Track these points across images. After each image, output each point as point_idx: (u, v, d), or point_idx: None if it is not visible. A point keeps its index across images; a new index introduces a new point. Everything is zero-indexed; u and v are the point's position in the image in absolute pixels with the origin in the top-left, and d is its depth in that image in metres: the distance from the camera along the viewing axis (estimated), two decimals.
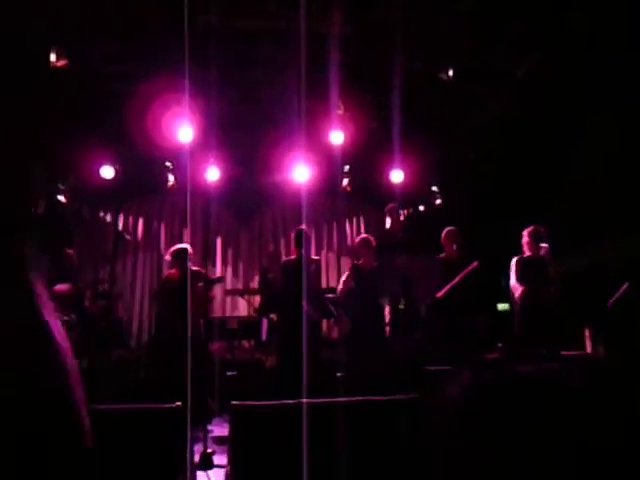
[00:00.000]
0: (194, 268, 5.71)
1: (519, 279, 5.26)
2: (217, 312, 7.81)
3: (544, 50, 5.50)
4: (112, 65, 6.26)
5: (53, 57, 5.68)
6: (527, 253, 5.33)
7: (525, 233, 5.35)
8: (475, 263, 5.42)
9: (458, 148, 7.57)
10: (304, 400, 2.62)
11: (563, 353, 4.11)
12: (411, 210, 8.29)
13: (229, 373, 5.64)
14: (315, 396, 2.91)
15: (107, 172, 7.23)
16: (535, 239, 5.26)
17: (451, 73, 5.76)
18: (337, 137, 6.69)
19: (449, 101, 6.56)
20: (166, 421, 2.46)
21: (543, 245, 5.24)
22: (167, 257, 5.71)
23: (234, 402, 2.46)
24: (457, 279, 5.38)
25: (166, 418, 2.45)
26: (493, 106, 6.70)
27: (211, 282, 6.50)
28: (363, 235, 6.18)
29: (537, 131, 6.38)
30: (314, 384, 4.36)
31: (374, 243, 5.85)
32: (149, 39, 5.62)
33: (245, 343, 7.24)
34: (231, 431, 2.48)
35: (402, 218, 8.23)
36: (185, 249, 5.69)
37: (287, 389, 4.13)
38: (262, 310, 6.76)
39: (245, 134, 7.26)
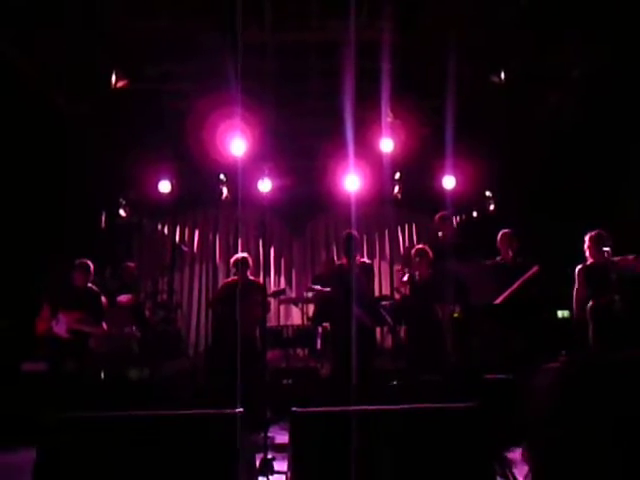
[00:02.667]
0: (252, 278, 5.84)
1: (583, 287, 5.09)
2: (271, 321, 7.84)
3: (600, 49, 5.38)
4: (169, 83, 6.52)
5: (113, 78, 6.01)
6: (589, 259, 5.15)
7: (587, 238, 5.15)
8: (535, 268, 5.24)
9: (511, 152, 7.39)
10: (364, 407, 2.61)
11: None
12: (464, 216, 8.16)
13: (285, 381, 5.70)
14: (369, 404, 2.91)
15: (165, 186, 7.42)
16: (597, 244, 5.04)
17: (503, 76, 5.65)
18: (387, 145, 6.66)
19: (501, 104, 6.48)
20: (227, 426, 2.49)
21: (606, 249, 5.01)
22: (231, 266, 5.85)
23: (295, 408, 2.48)
24: (516, 285, 5.21)
25: (227, 423, 2.49)
26: (547, 108, 6.60)
27: (274, 295, 6.68)
28: (419, 245, 6.16)
29: (593, 132, 6.20)
30: (367, 393, 4.39)
31: (430, 253, 5.83)
32: (203, 56, 5.80)
33: (300, 351, 7.27)
34: (291, 436, 2.51)
35: (455, 225, 8.17)
36: (245, 258, 5.79)
37: (341, 397, 4.20)
38: (316, 319, 6.78)
39: (296, 145, 7.37)
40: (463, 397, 3.17)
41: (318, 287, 6.03)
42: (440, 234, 6.08)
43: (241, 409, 2.52)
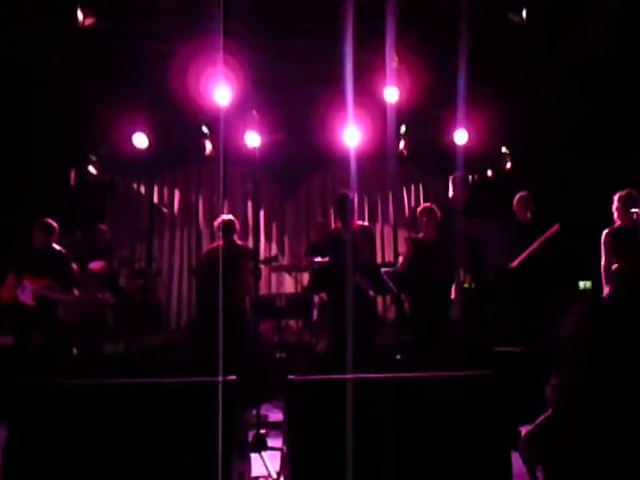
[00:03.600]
0: (239, 243, 5.87)
1: (612, 254, 5.05)
2: (262, 289, 7.62)
3: None
4: (143, 23, 6.36)
5: (80, 15, 5.89)
6: (617, 222, 5.15)
7: (616, 198, 5.16)
8: (555, 226, 5.29)
9: (531, 102, 7.34)
10: (365, 375, 2.67)
11: None
12: (477, 176, 8.17)
13: (277, 355, 5.78)
14: None
15: (140, 140, 7.33)
16: (626, 205, 5.04)
17: (524, 14, 5.57)
18: (392, 93, 6.61)
19: (521, 48, 6.40)
20: (215, 396, 2.51)
21: (635, 210, 4.97)
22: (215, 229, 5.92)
23: (291, 376, 2.53)
24: (534, 246, 5.26)
25: (215, 393, 2.51)
26: (571, 52, 6.55)
27: (265, 262, 6.73)
28: (425, 204, 6.17)
29: (623, 79, 6.17)
30: (368, 367, 4.47)
31: (438, 213, 5.88)
32: None
33: (293, 323, 7.34)
34: (286, 407, 2.57)
35: (468, 186, 8.19)
36: (231, 220, 5.82)
37: (339, 374, 4.23)
38: (311, 289, 6.86)
39: (288, 94, 7.28)
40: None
41: (318, 259, 6.10)
42: (451, 195, 6.13)
43: (233, 377, 2.56)
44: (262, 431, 3.77)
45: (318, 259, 6.08)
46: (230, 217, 5.92)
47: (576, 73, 6.66)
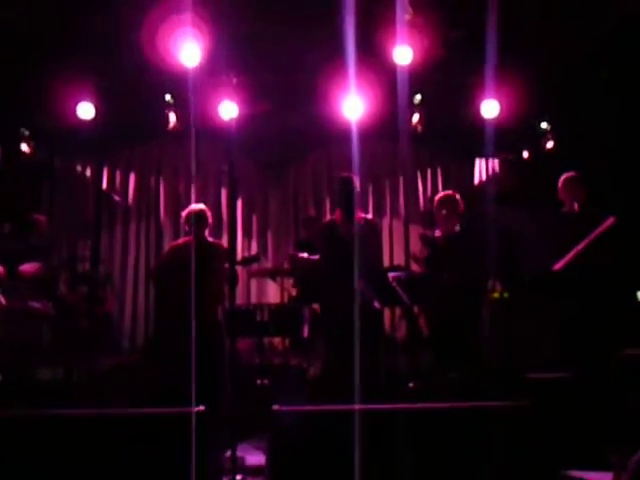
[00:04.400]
0: (211, 239, 5.86)
1: None
2: (240, 298, 7.87)
3: None
4: None
5: None
6: None
7: None
8: (610, 219, 5.29)
9: (579, 66, 7.32)
10: (369, 406, 2.66)
11: None
12: (511, 157, 8.23)
13: (259, 382, 5.80)
14: None
15: (86, 111, 7.32)
16: None
17: None
18: (404, 54, 6.60)
19: None
20: (181, 433, 2.53)
21: None
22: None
23: (276, 407, 2.52)
24: (583, 244, 5.24)
25: (182, 429, 2.53)
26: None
27: (246, 262, 6.75)
28: (445, 192, 6.20)
29: None
30: (373, 397, 4.49)
31: (461, 204, 5.89)
32: None
33: (279, 342, 7.35)
34: (271, 443, 2.55)
35: (498, 169, 8.37)
36: (202, 211, 5.82)
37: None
38: (301, 297, 6.86)
39: (275, 54, 7.22)
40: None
41: (305, 255, 6.08)
42: (477, 181, 6.14)
43: (202, 407, 2.54)
44: (238, 477, 3.74)
45: (304, 255, 6.12)
46: (200, 207, 5.92)
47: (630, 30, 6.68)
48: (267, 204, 9.48)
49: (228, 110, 7.13)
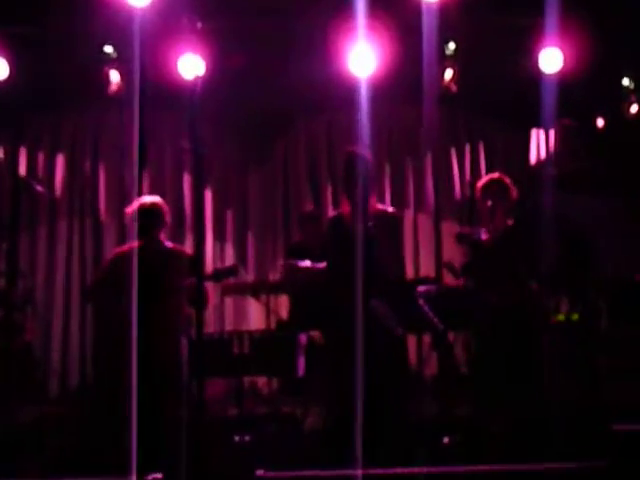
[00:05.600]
0: (169, 244, 5.90)
1: None
2: (210, 325, 7.71)
3: None
4: None
5: None
6: None
7: None
8: None
9: None
10: (389, 470, 2.73)
11: None
12: (581, 125, 7.84)
13: (237, 438, 5.77)
14: None
15: None
16: None
17: None
18: None
19: None
20: None
21: None
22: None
23: (261, 472, 2.57)
24: None
25: None
26: None
27: (218, 276, 6.60)
28: (490, 175, 6.23)
29: None
30: (397, 457, 4.50)
31: (512, 191, 5.91)
32: None
33: (264, 383, 7.31)
34: None
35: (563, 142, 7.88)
36: (155, 206, 5.88)
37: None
38: (295, 322, 6.87)
39: None
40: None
41: (306, 263, 6.13)
42: (534, 159, 6.22)
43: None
44: None
45: (306, 264, 6.15)
46: (153, 200, 5.99)
47: None
48: (246, 195, 9.44)
49: (190, 66, 7.13)
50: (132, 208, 5.92)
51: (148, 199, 5.98)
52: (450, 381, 6.24)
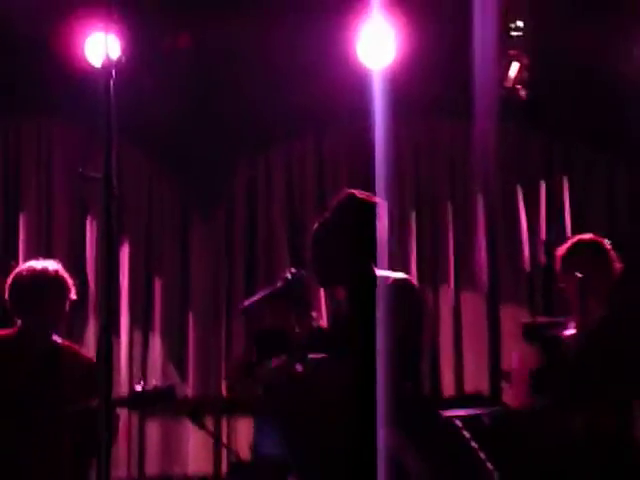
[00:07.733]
0: (61, 342, 5.39)
1: None
2: (120, 467, 6.75)
3: None
4: None
5: None
6: None
7: None
8: None
9: None
10: None
11: None
12: None
13: None
14: None
15: None
16: None
17: None
18: None
19: None
20: None
21: None
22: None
23: None
24: None
25: None
26: None
27: (138, 402, 5.94)
28: (581, 237, 5.65)
29: None
30: None
31: (613, 259, 5.40)
32: None
33: None
34: None
35: None
36: (47, 279, 5.23)
37: None
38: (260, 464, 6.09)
39: None
40: None
41: (281, 361, 5.28)
42: None
43: None
44: None
45: (281, 362, 5.29)
46: (47, 266, 5.26)
47: None
48: (186, 256, 8.17)
49: (102, 49, 5.81)
50: (12, 278, 5.26)
51: (34, 266, 5.21)
52: None
